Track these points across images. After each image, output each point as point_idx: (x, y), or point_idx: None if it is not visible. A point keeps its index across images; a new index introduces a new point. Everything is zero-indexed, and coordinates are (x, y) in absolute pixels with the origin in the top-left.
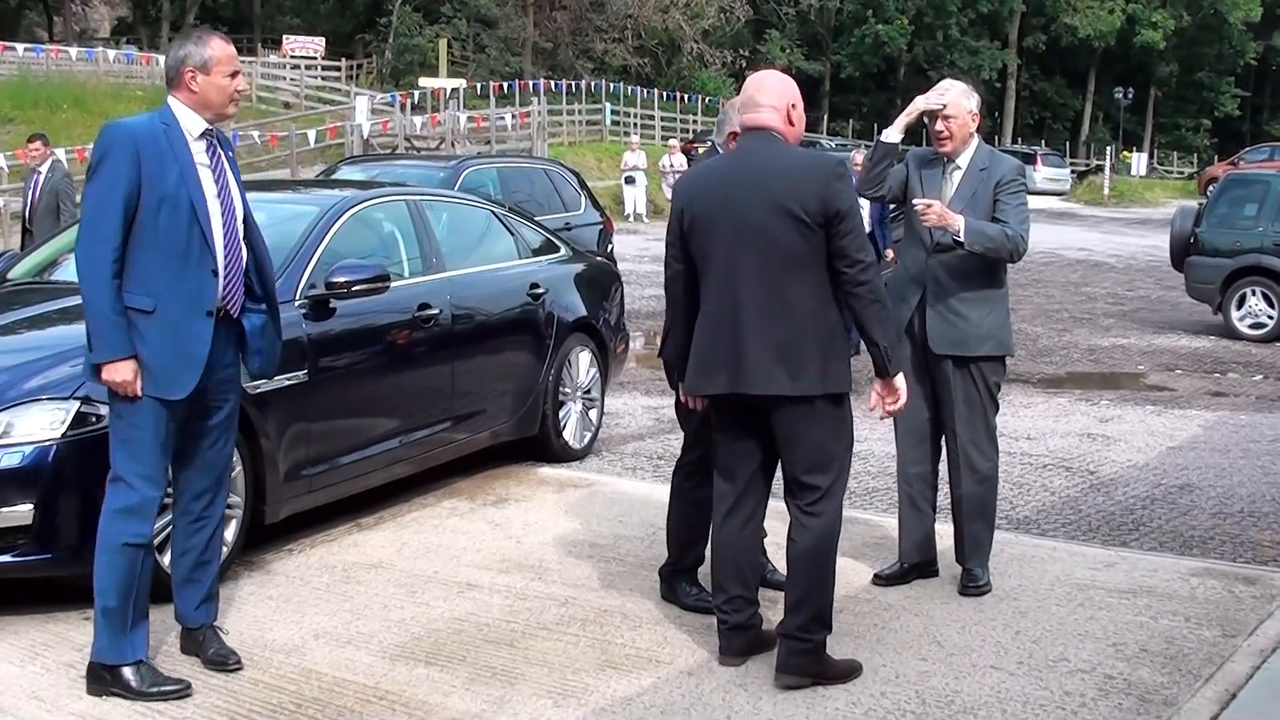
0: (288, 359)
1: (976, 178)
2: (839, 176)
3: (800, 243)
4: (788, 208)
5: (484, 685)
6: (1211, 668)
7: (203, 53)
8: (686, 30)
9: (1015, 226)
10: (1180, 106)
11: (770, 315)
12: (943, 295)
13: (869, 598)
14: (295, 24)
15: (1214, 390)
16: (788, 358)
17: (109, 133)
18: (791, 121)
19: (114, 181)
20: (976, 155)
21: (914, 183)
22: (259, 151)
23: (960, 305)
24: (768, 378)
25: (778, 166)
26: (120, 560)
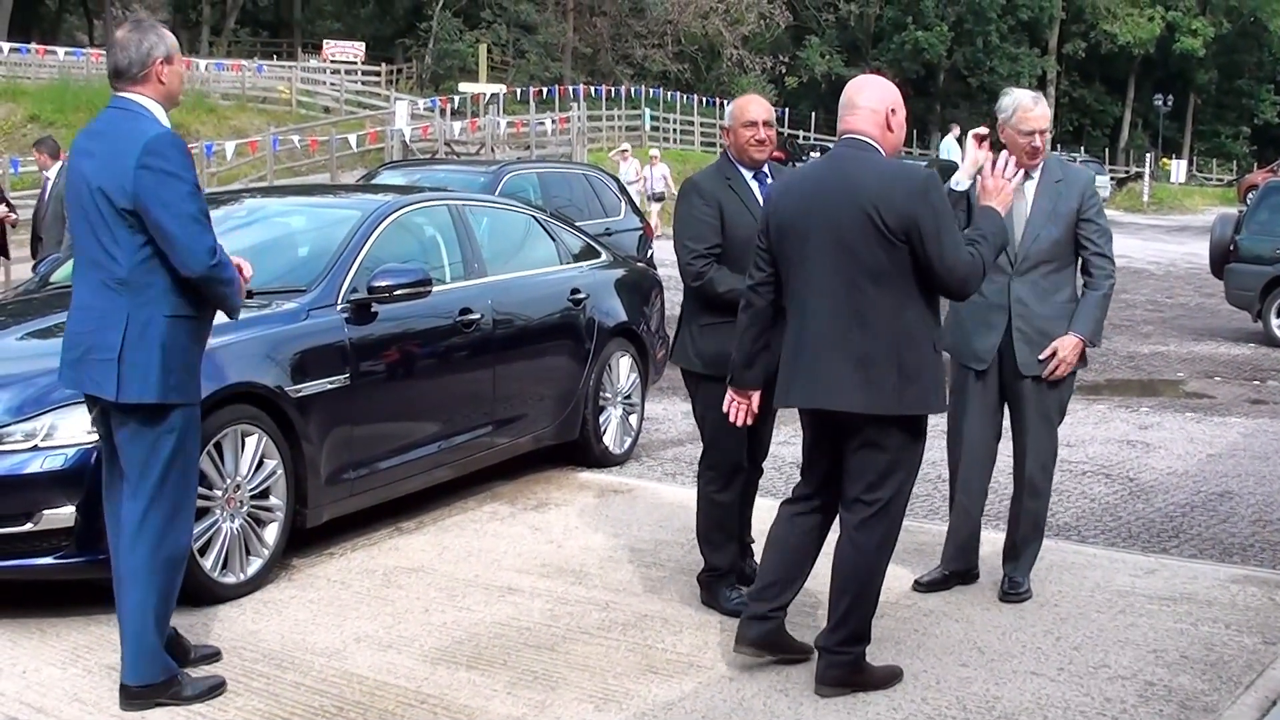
0: (330, 363)
1: (1053, 190)
2: (926, 191)
3: (881, 256)
4: (868, 220)
5: (525, 689)
6: (1252, 674)
7: (166, 41)
8: (726, 36)
9: (1105, 251)
10: (1220, 114)
11: (849, 329)
12: (1029, 318)
13: (909, 604)
14: (335, 28)
15: (1254, 397)
16: (865, 373)
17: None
18: (891, 128)
19: None
20: (1047, 165)
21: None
22: (299, 156)
23: (1045, 325)
24: (842, 393)
25: (864, 176)
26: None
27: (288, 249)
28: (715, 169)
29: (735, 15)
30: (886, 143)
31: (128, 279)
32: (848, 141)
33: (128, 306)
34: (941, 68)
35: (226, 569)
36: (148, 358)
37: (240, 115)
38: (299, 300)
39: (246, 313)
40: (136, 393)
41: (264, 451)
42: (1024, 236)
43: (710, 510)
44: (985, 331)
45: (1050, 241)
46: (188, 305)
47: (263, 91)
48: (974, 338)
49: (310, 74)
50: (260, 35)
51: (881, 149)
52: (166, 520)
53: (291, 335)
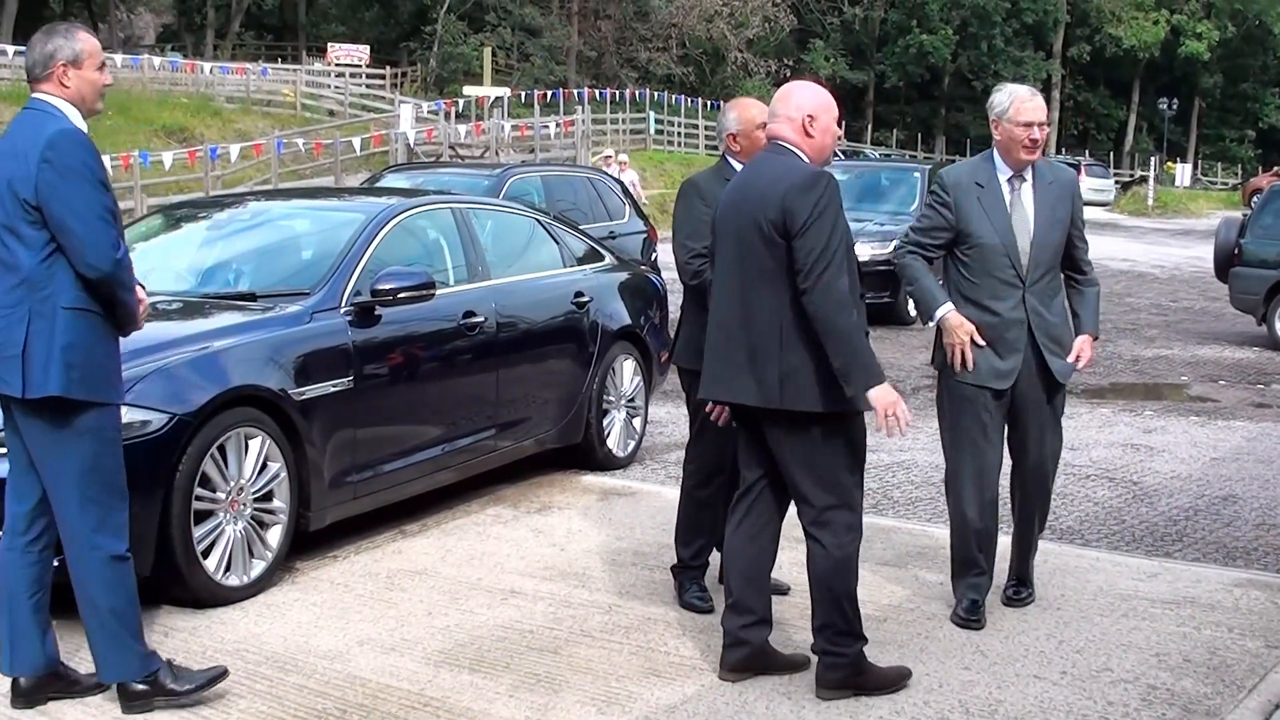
0: (333, 366)
1: (1049, 193)
2: (806, 189)
3: (766, 254)
4: (758, 220)
5: (528, 692)
6: (1255, 678)
7: (73, 46)
8: (731, 40)
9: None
10: (1224, 117)
11: (743, 325)
12: (1047, 328)
13: (912, 606)
14: (340, 31)
15: (1258, 401)
16: (752, 368)
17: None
18: (810, 134)
19: None
20: (1037, 167)
21: (971, 211)
22: (303, 159)
23: (1056, 332)
24: (734, 386)
25: (762, 179)
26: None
27: (291, 252)
28: (715, 170)
29: (740, 19)
30: (808, 148)
31: (30, 276)
32: (768, 146)
33: (29, 301)
34: (946, 71)
35: (230, 571)
36: (48, 351)
37: (245, 118)
38: (302, 303)
39: (250, 315)
40: (39, 387)
41: (267, 454)
42: (1033, 246)
43: (686, 505)
44: (1006, 349)
45: (1054, 248)
46: (88, 299)
47: (267, 95)
48: (993, 357)
49: (315, 77)
50: (265, 38)
51: (804, 154)
52: (92, 529)
53: (295, 338)
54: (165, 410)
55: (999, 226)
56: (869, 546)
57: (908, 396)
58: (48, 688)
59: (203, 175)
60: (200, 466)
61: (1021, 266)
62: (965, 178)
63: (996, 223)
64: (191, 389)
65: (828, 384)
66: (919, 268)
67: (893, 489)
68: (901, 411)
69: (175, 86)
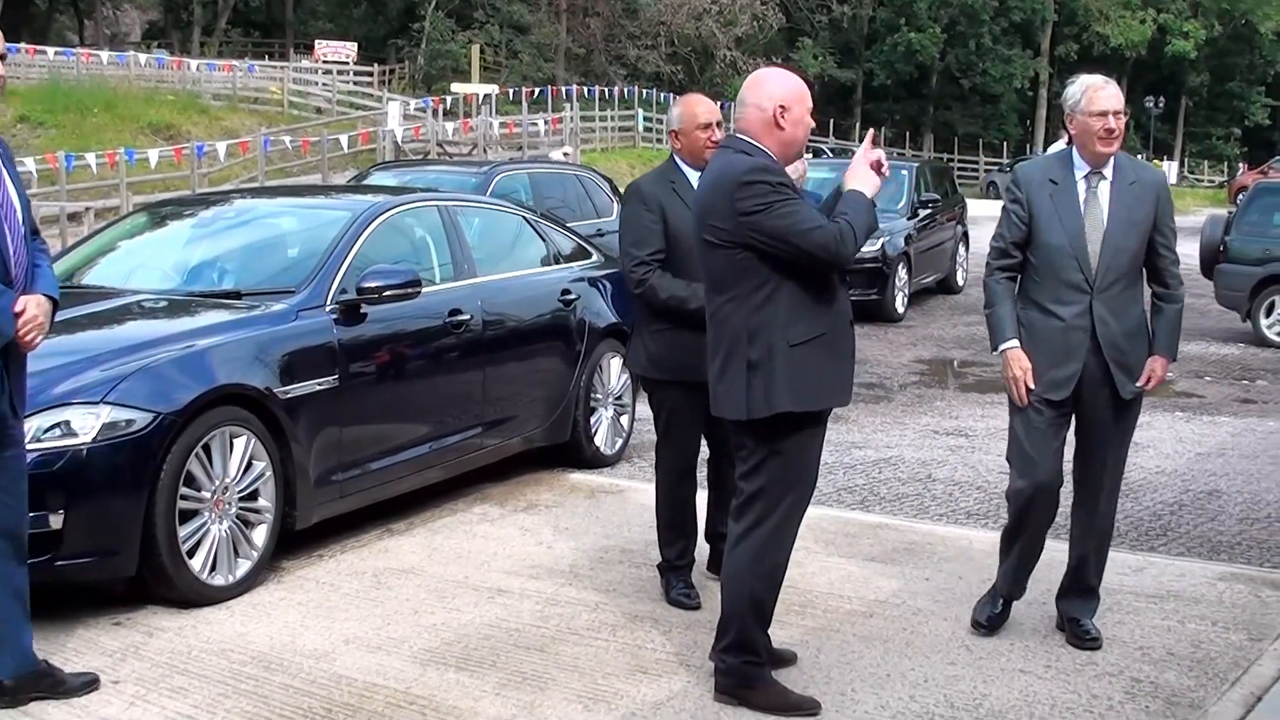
0: (318, 364)
1: (1129, 193)
2: (738, 185)
3: (717, 263)
4: (704, 225)
5: (515, 690)
6: (1238, 671)
7: None
8: (719, 37)
9: (1178, 259)
10: (1211, 116)
11: (711, 335)
12: (1113, 339)
13: (898, 602)
14: (328, 29)
15: (1242, 397)
16: (721, 378)
17: None
18: (780, 126)
19: None
20: (1119, 164)
21: (1043, 210)
22: (290, 157)
23: (1127, 344)
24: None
25: (707, 180)
26: None
27: (277, 250)
28: (659, 173)
29: (729, 17)
30: (774, 141)
31: None
32: (725, 141)
33: None
34: (934, 69)
35: (215, 571)
36: None
37: (232, 116)
38: (288, 301)
39: (235, 314)
40: None
41: (253, 453)
42: (1103, 249)
43: (663, 508)
44: (1064, 358)
45: (1130, 254)
46: None
47: (254, 92)
48: (1051, 366)
49: (302, 74)
50: (252, 35)
51: (766, 148)
52: None
53: (280, 336)
54: (150, 409)
55: (1069, 227)
56: (855, 542)
57: (895, 393)
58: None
59: (189, 173)
60: (185, 466)
61: (1090, 270)
62: (1039, 174)
63: (1067, 223)
64: (176, 388)
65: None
66: (999, 292)
67: (880, 485)
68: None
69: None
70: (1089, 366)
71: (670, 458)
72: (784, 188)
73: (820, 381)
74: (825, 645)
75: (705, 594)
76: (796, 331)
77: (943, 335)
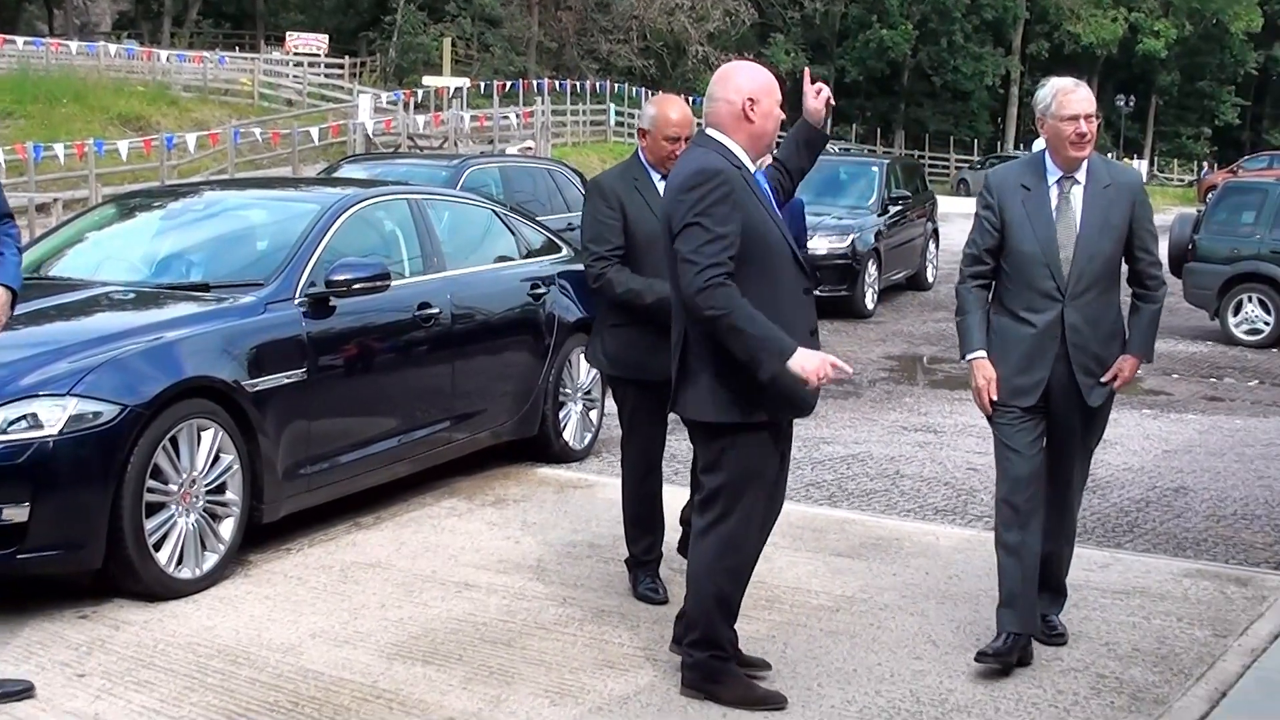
0: (287, 357)
1: (1103, 197)
2: (688, 189)
3: (672, 263)
4: (667, 224)
5: (481, 684)
6: (1203, 667)
7: None
8: (691, 33)
9: (1159, 260)
10: (1181, 115)
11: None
12: (1085, 347)
13: (865, 597)
14: (299, 20)
15: (1210, 395)
16: (678, 377)
17: None
18: (749, 118)
19: None
20: (1093, 167)
21: (1015, 217)
22: (261, 149)
23: (1101, 351)
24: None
25: (673, 178)
26: None
27: (246, 242)
28: (623, 169)
29: (701, 12)
30: (744, 134)
31: None
32: (696, 138)
33: None
34: (906, 66)
35: (182, 564)
36: None
37: (202, 108)
38: (256, 294)
39: (203, 306)
40: None
41: (220, 446)
42: (1076, 256)
43: (629, 504)
44: (1030, 365)
45: (1104, 259)
46: None
47: (225, 84)
48: (1019, 372)
49: (273, 66)
50: (223, 27)
51: (736, 142)
52: None
53: (248, 329)
54: (117, 401)
55: (1041, 234)
56: (822, 538)
57: (864, 389)
58: None
59: (159, 164)
60: (152, 458)
61: (1062, 278)
62: (1012, 179)
63: (1039, 230)
64: (144, 380)
65: (721, 396)
66: (970, 300)
67: (848, 481)
68: (832, 366)
69: (131, 75)
70: (1057, 374)
71: (633, 454)
72: (716, 205)
73: (756, 395)
74: (792, 640)
75: (673, 587)
76: None
77: (912, 332)
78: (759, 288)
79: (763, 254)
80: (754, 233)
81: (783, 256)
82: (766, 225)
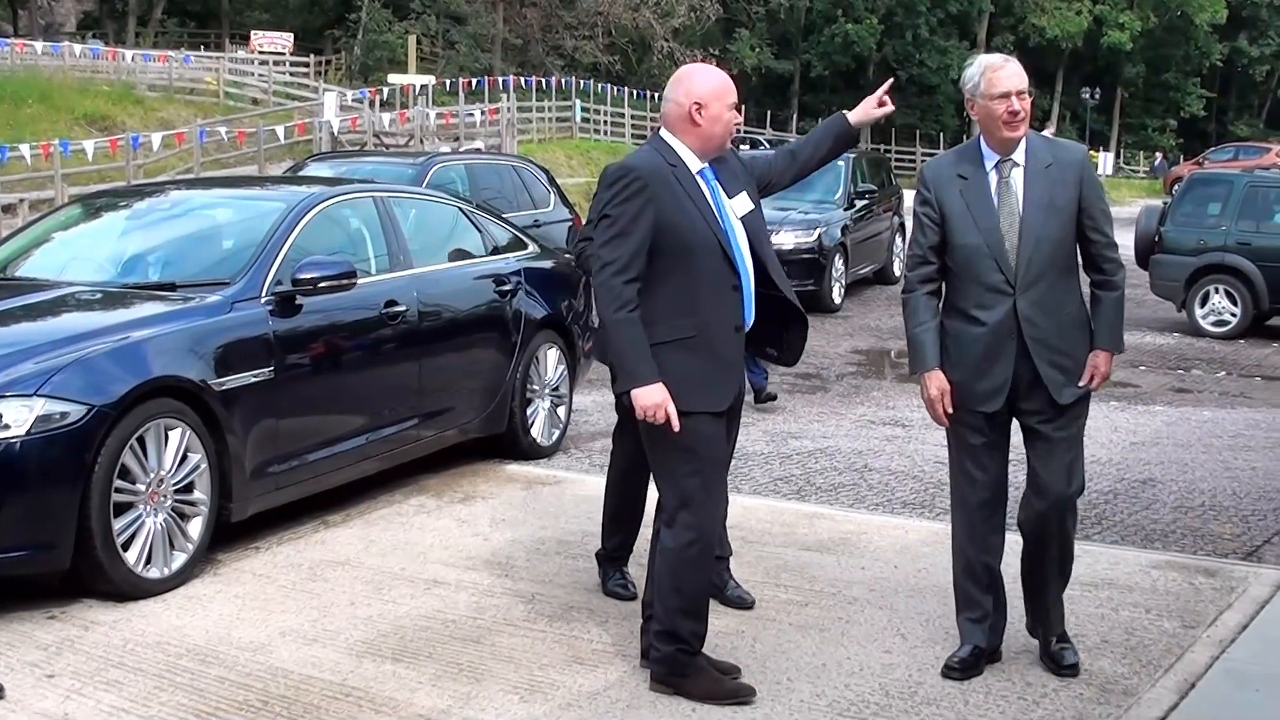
0: (254, 355)
1: (1045, 176)
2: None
3: None
4: None
5: (451, 681)
6: (1171, 658)
7: None
8: (657, 28)
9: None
10: (1147, 107)
11: None
12: (1047, 339)
13: (834, 591)
14: (264, 19)
15: (1177, 386)
16: None
17: None
18: (695, 121)
19: None
20: (1031, 147)
21: (954, 208)
22: (226, 148)
23: (1063, 343)
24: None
25: None
26: None
27: (212, 241)
28: None
29: (666, 8)
30: (693, 137)
31: None
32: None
33: None
34: (872, 61)
35: (150, 564)
36: None
37: (167, 107)
38: (223, 293)
39: (170, 305)
40: None
41: (188, 445)
42: (1022, 242)
43: (610, 497)
44: (990, 368)
45: (1053, 243)
46: None
47: (190, 83)
48: (979, 377)
49: (238, 65)
50: (188, 26)
51: (685, 144)
52: None
53: (215, 328)
54: (84, 401)
55: (983, 224)
56: (791, 532)
57: (832, 384)
58: None
59: (125, 164)
60: (120, 458)
61: (1010, 268)
62: (947, 169)
63: (980, 219)
64: (111, 380)
65: (622, 370)
66: (919, 308)
67: (815, 475)
68: (663, 414)
69: (97, 74)
70: (1020, 372)
71: (621, 450)
72: (625, 202)
73: (674, 386)
74: (761, 634)
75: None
76: (655, 332)
77: (879, 326)
78: (675, 282)
79: (680, 250)
80: (672, 229)
81: (708, 253)
82: (690, 222)
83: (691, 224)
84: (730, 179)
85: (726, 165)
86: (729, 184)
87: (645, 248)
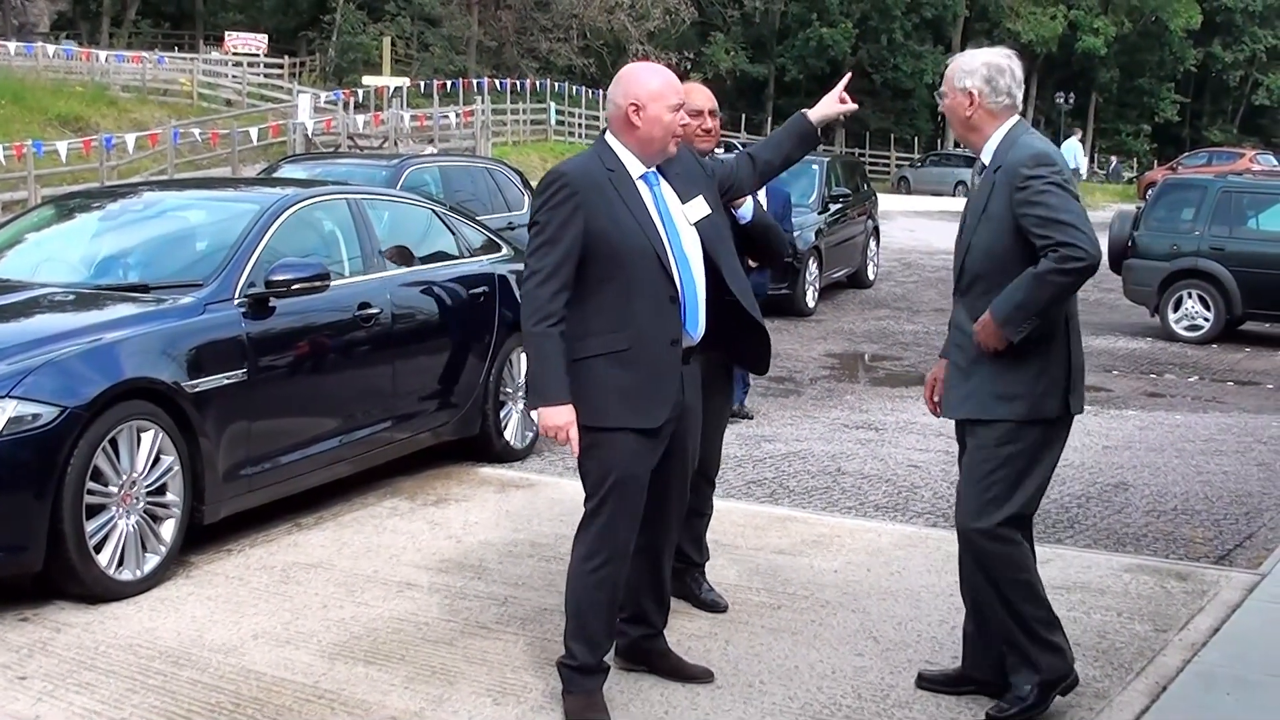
0: (227, 357)
1: (989, 180)
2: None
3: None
4: None
5: (423, 684)
6: (1143, 661)
7: None
8: (632, 31)
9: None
10: (1121, 112)
11: None
12: (965, 347)
13: (807, 594)
14: (238, 20)
15: (1150, 391)
16: None
17: None
18: (632, 123)
19: None
20: (998, 149)
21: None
22: (200, 149)
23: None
24: None
25: None
26: None
27: (185, 243)
28: None
29: (641, 10)
30: (632, 139)
31: None
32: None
33: None
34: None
35: (123, 566)
36: None
37: (141, 108)
38: (196, 294)
39: (142, 307)
40: None
41: (160, 447)
42: (957, 244)
43: None
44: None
45: (982, 251)
46: None
47: (164, 84)
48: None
49: (212, 66)
50: (162, 26)
51: (623, 146)
52: None
53: (188, 330)
54: (56, 403)
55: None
56: (764, 535)
57: (805, 387)
58: None
59: (98, 165)
60: (92, 460)
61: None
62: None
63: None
64: (83, 382)
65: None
66: None
67: (789, 478)
68: (564, 436)
69: (70, 75)
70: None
71: None
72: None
73: (601, 401)
74: (734, 637)
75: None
76: (587, 344)
77: (853, 329)
78: (608, 293)
79: (612, 258)
80: (602, 237)
81: (643, 262)
82: (621, 230)
83: (623, 232)
84: (685, 183)
85: (682, 168)
86: (683, 188)
87: (573, 256)
